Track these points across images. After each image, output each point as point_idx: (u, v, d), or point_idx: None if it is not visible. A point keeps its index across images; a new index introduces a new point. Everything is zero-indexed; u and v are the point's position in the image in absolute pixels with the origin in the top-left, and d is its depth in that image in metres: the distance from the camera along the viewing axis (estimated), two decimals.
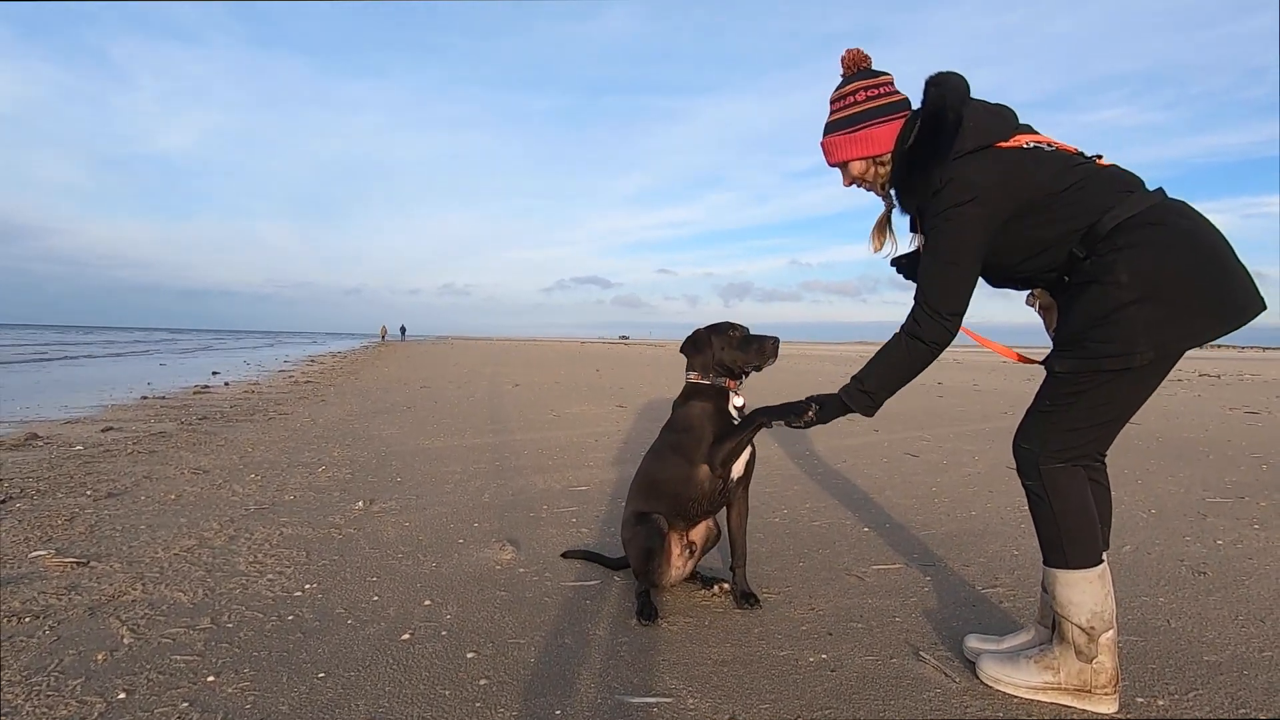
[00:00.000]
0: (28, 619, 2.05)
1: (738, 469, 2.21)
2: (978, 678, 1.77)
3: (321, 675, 1.77)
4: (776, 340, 2.26)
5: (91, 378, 12.20)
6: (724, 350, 2.25)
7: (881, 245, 1.93)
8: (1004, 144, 1.63)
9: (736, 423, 2.21)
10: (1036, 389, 1.77)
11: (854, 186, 1.90)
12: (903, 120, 1.75)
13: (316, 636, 1.99)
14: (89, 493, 3.52)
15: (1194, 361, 31.09)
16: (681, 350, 2.34)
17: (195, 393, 9.32)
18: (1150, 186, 1.63)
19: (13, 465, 4.12)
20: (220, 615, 2.12)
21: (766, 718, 1.62)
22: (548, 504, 3.57)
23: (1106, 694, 1.65)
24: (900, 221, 1.91)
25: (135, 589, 2.30)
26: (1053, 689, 1.68)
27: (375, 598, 2.29)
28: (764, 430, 2.21)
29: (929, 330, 1.69)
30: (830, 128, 1.83)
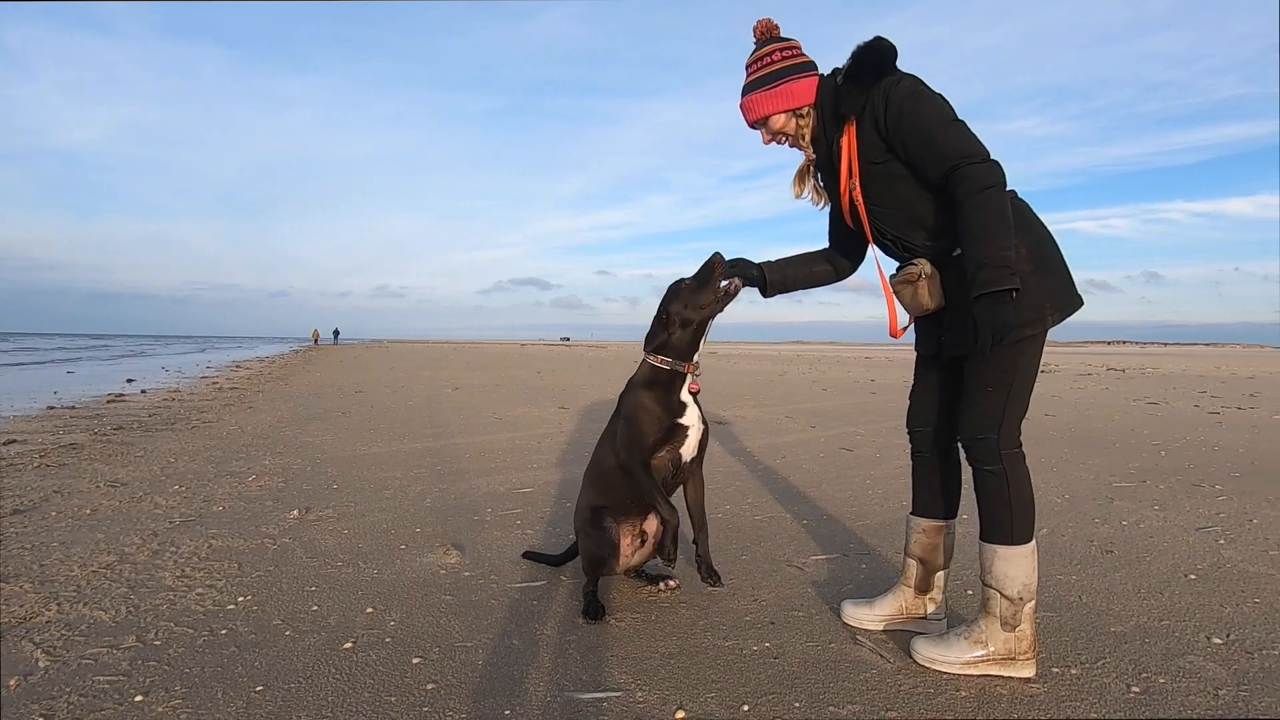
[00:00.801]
0: None
1: (688, 450, 2.19)
2: (913, 660, 1.86)
3: (259, 689, 1.72)
4: (717, 254, 2.09)
5: None
6: (685, 310, 2.12)
7: (801, 193, 2.04)
8: None
9: (682, 417, 2.15)
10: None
11: (773, 144, 1.97)
12: (818, 77, 1.88)
13: (252, 649, 1.93)
14: None
15: (1102, 357, 33.20)
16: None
17: (109, 402, 8.77)
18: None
19: None
20: (146, 633, 2.02)
21: (713, 706, 1.66)
22: (492, 507, 3.53)
23: (1028, 659, 1.79)
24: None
25: (49, 609, 2.17)
26: (983, 661, 1.80)
27: (314, 607, 2.23)
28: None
29: (993, 173, 1.66)
30: (749, 87, 1.91)
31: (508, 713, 1.63)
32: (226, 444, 5.40)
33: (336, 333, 67.06)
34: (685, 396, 2.19)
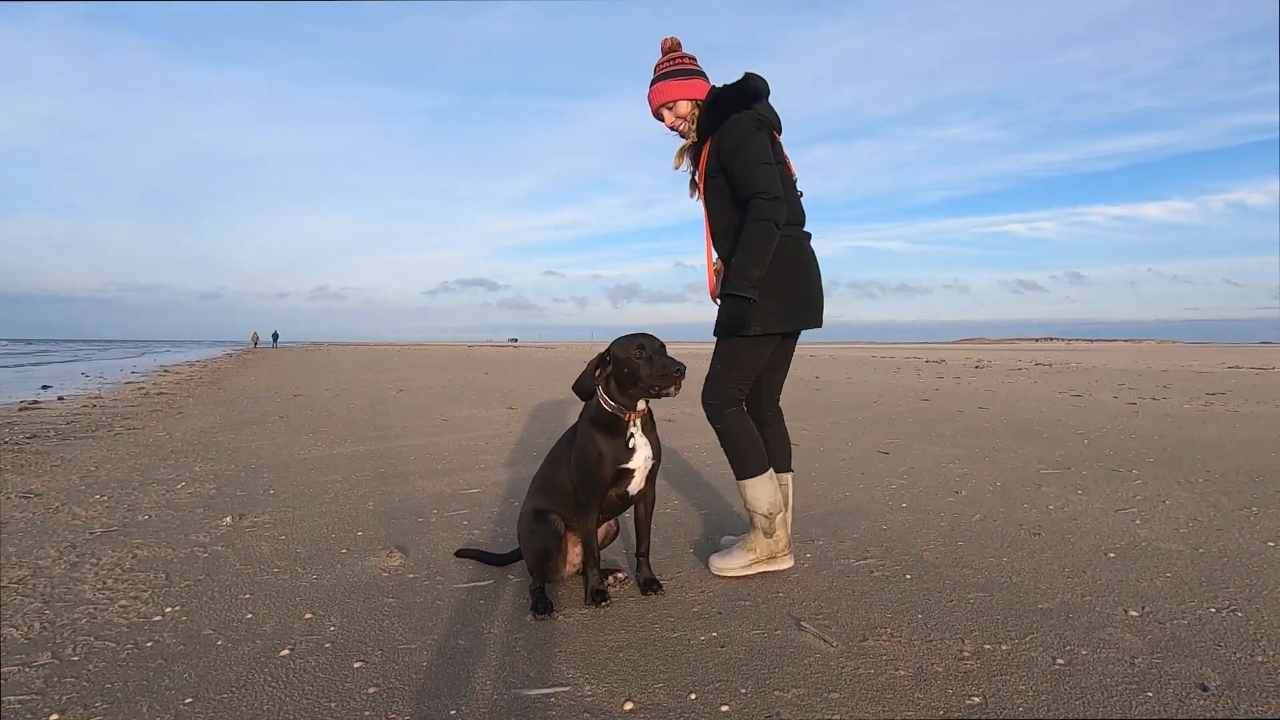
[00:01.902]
0: None
1: (634, 487, 2.23)
2: (711, 571, 2.41)
3: (188, 701, 1.64)
4: (681, 370, 2.08)
5: None
6: (625, 372, 2.11)
7: (680, 165, 2.50)
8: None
9: (628, 461, 2.15)
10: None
11: (671, 131, 2.44)
12: (708, 83, 2.38)
13: (181, 661, 1.84)
14: None
15: (1031, 353, 34.82)
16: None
17: (21, 409, 8.22)
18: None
19: None
20: (63, 648, 1.90)
21: (661, 696, 1.67)
22: (437, 508, 3.47)
23: (785, 555, 2.45)
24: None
25: None
26: (755, 563, 2.41)
27: (249, 615, 2.14)
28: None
29: (773, 210, 2.16)
30: (664, 76, 2.37)
31: (453, 712, 1.60)
32: (153, 451, 5.13)
33: (276, 336, 64.95)
34: (635, 435, 2.18)
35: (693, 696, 1.67)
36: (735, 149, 2.20)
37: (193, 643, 1.95)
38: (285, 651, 1.89)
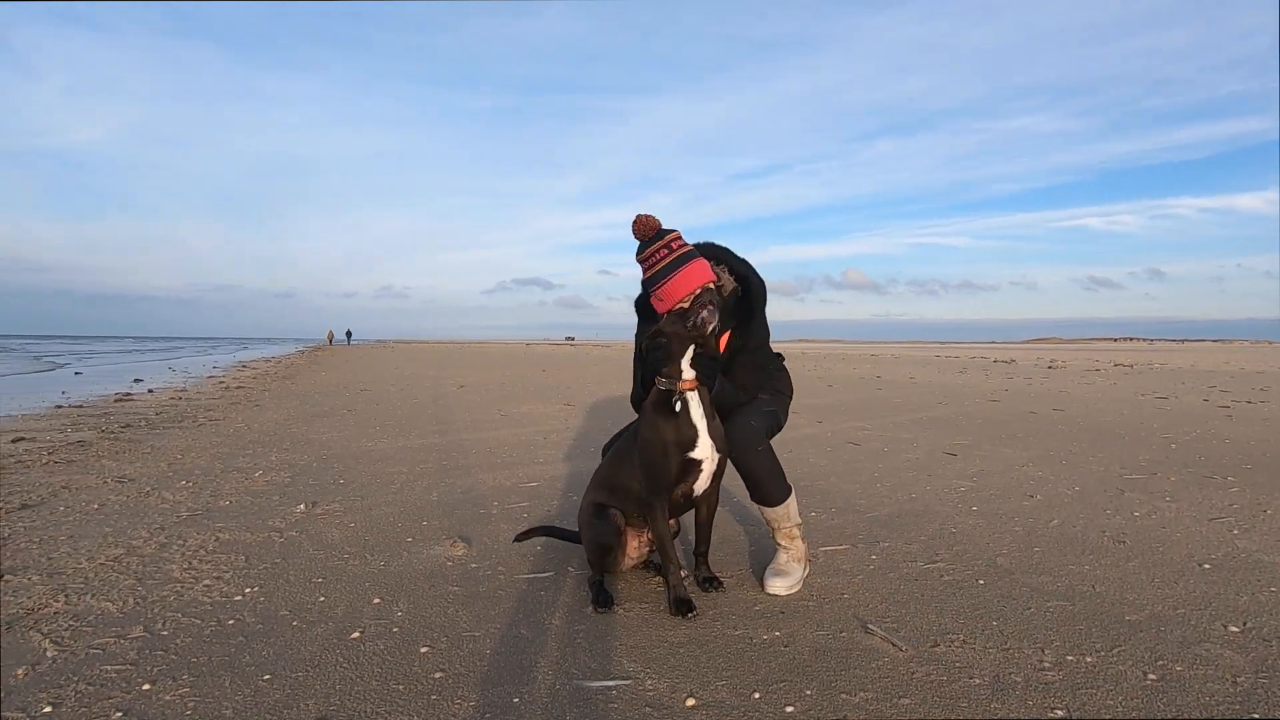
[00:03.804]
0: None
1: (701, 485, 2.20)
2: (768, 593, 2.25)
3: (267, 677, 1.71)
4: (709, 301, 2.08)
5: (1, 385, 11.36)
6: (663, 330, 2.15)
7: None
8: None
9: (694, 450, 2.13)
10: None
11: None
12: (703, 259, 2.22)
13: (260, 639, 1.92)
14: None
15: (1109, 353, 33.06)
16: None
17: (116, 400, 8.80)
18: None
19: None
20: (154, 623, 2.01)
21: (724, 693, 1.64)
22: (498, 500, 3.52)
23: (808, 560, 2.42)
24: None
25: (57, 601, 2.17)
26: (804, 571, 2.38)
27: (321, 599, 2.22)
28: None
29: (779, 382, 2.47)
30: (678, 263, 2.16)
31: (516, 700, 1.61)
32: (233, 441, 5.40)
33: (349, 334, 67.96)
34: (697, 419, 2.14)
35: (756, 695, 1.63)
36: (756, 350, 2.33)
37: (270, 622, 2.03)
38: (355, 634, 1.95)
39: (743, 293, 2.34)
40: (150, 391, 10.41)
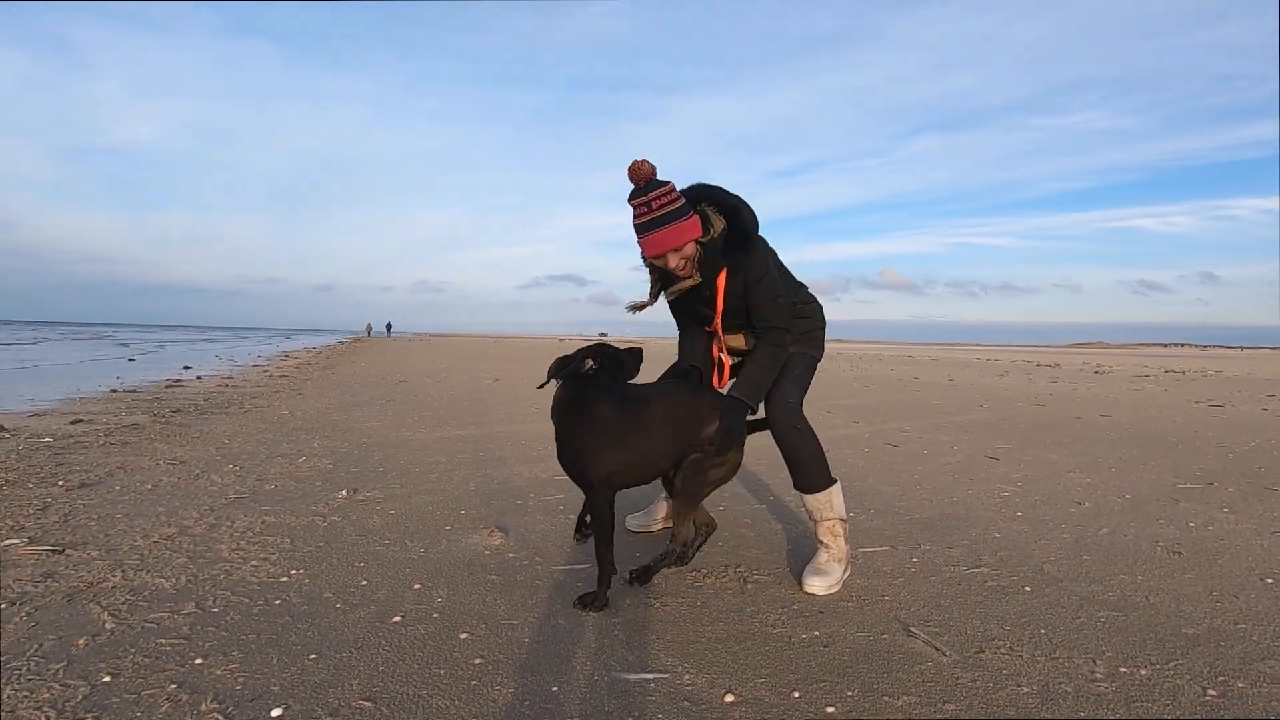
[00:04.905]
0: (3, 605, 1.99)
1: None
2: (806, 592, 2.23)
3: (313, 657, 1.75)
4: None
5: (57, 371, 11.85)
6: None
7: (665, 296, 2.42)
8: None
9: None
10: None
11: (669, 272, 2.26)
12: (697, 214, 2.21)
13: (305, 620, 1.96)
14: (60, 483, 3.42)
15: (1159, 359, 31.91)
16: None
17: (167, 386, 9.12)
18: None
19: None
20: (205, 600, 2.08)
21: (763, 691, 1.63)
22: (534, 492, 3.55)
23: (849, 561, 2.38)
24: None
25: (114, 576, 2.25)
26: (845, 572, 2.33)
27: (364, 582, 2.26)
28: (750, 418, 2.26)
29: (801, 324, 2.41)
30: (667, 218, 2.14)
31: (555, 689, 1.62)
32: (277, 427, 5.55)
33: (389, 326, 69.04)
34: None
35: (796, 694, 1.61)
36: (757, 286, 2.27)
37: (315, 604, 2.08)
38: (397, 618, 1.99)
39: (733, 220, 2.27)
40: (199, 378, 10.75)
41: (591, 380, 2.25)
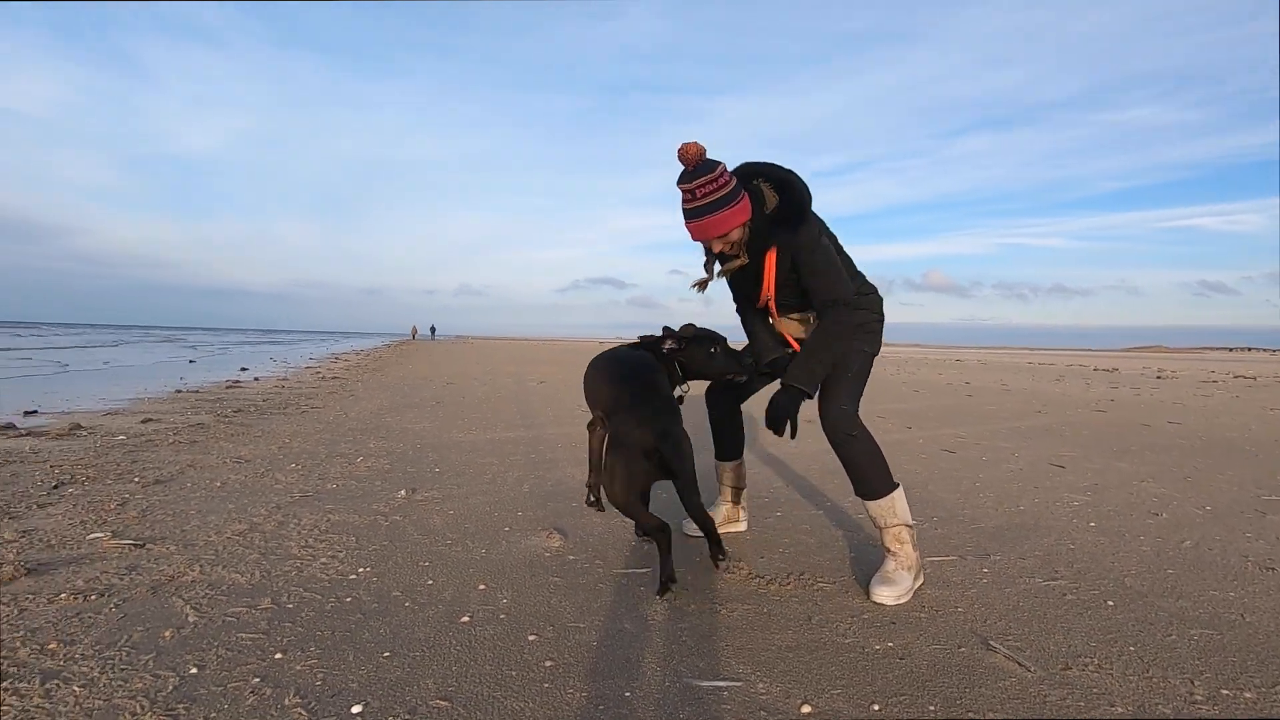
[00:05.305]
0: (93, 597, 2.08)
1: None
2: (874, 601, 2.17)
3: (386, 654, 1.77)
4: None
5: (128, 372, 12.40)
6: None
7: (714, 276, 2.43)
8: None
9: None
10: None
11: (720, 253, 2.29)
12: (747, 196, 2.20)
13: (376, 617, 2.00)
14: (136, 479, 3.57)
15: (1227, 363, 30.42)
16: None
17: (227, 387, 9.45)
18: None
19: (60, 453, 4.19)
20: (279, 596, 2.13)
21: (840, 703, 1.59)
22: None
23: (920, 569, 2.32)
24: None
25: (193, 570, 2.32)
26: (916, 581, 2.27)
27: (430, 582, 2.29)
28: (800, 425, 2.23)
29: (840, 317, 2.23)
30: (712, 206, 2.14)
31: (628, 694, 1.61)
32: (334, 428, 5.69)
33: (434, 329, 70.45)
34: None
35: (875, 707, 1.57)
36: (809, 261, 2.23)
37: (384, 601, 2.11)
38: (465, 618, 2.00)
39: (783, 196, 2.25)
40: (256, 379, 11.12)
41: None
